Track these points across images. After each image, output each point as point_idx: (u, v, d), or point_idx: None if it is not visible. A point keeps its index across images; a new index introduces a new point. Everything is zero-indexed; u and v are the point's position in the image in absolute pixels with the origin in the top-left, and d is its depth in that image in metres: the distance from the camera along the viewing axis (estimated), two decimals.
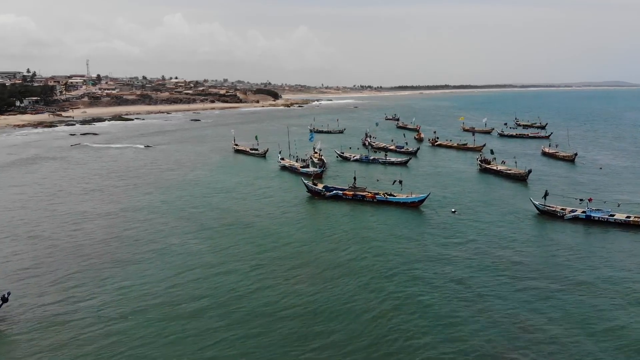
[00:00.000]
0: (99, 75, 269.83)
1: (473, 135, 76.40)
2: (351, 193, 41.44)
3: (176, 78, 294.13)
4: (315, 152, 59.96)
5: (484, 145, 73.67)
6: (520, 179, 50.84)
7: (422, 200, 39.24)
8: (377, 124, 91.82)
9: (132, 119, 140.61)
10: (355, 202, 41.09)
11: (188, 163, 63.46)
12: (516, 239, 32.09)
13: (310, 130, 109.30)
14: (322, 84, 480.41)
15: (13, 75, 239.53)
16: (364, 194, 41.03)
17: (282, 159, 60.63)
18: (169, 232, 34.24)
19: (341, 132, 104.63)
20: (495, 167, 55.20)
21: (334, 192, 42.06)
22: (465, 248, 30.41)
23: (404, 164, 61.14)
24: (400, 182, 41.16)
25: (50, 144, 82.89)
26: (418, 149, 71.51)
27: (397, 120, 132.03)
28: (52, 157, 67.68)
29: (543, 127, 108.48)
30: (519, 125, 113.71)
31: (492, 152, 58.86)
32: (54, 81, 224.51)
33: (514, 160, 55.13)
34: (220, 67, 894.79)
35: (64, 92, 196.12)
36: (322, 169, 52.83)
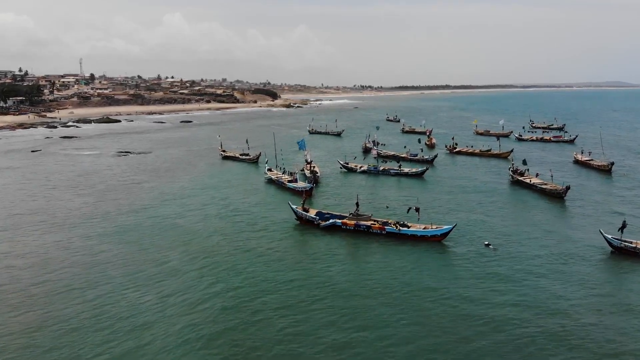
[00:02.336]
0: (92, 75, 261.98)
1: (497, 139, 67.10)
2: (352, 222, 32.21)
3: (172, 77, 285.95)
4: (308, 163, 50.98)
5: (512, 150, 64.59)
6: (557, 195, 41.97)
7: (445, 233, 30.24)
8: (377, 128, 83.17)
9: (120, 121, 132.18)
10: (358, 235, 31.69)
11: (167, 173, 54.82)
12: (588, 292, 23.31)
13: (309, 131, 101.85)
14: (322, 84, 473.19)
15: (4, 74, 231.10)
16: (369, 223, 31.92)
17: (270, 169, 51.62)
18: (113, 275, 25.77)
19: (339, 134, 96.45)
20: (528, 180, 46.46)
21: (331, 221, 32.73)
22: (516, 307, 21.66)
23: (419, 175, 52.18)
24: (417, 209, 31.95)
25: (16, 147, 74.35)
26: (436, 156, 62.02)
27: (398, 121, 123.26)
28: (8, 166, 58.83)
29: (561, 129, 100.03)
30: (535, 127, 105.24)
31: (524, 162, 49.89)
32: (46, 80, 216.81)
33: (550, 172, 46.05)
34: (219, 66, 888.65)
35: (53, 92, 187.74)
36: (312, 184, 43.43)
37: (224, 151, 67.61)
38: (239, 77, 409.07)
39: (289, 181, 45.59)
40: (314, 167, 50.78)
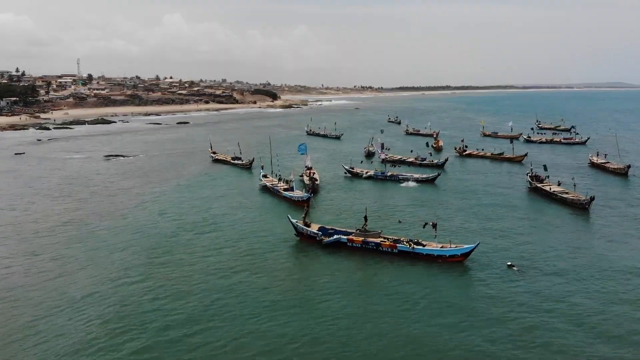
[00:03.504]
0: (90, 75, 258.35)
1: (511, 142, 63.26)
2: (360, 239, 28.35)
3: (171, 78, 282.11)
4: (308, 169, 47.08)
5: (526, 154, 60.72)
6: (580, 206, 37.73)
7: (467, 253, 26.31)
8: (382, 131, 78.92)
9: (115, 122, 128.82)
10: (366, 253, 27.74)
11: (154, 177, 51.31)
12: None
13: (307, 132, 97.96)
14: (322, 85, 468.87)
15: (0, 74, 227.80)
16: (378, 240, 28.00)
17: (265, 175, 47.60)
18: (72, 295, 22.61)
19: (338, 137, 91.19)
20: (548, 188, 42.56)
21: (335, 237, 28.80)
22: (556, 350, 18.00)
23: (431, 181, 48.11)
24: (434, 225, 27.74)
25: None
26: (446, 160, 57.87)
27: (399, 123, 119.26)
28: None
29: (568, 130, 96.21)
30: (542, 128, 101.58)
31: (545, 167, 46.01)
32: (43, 81, 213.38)
33: (572, 180, 42.05)
34: (219, 66, 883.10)
35: (49, 92, 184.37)
36: (309, 194, 39.02)
37: (214, 153, 63.76)
38: (239, 78, 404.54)
39: (285, 189, 41.63)
40: (313, 173, 46.96)
